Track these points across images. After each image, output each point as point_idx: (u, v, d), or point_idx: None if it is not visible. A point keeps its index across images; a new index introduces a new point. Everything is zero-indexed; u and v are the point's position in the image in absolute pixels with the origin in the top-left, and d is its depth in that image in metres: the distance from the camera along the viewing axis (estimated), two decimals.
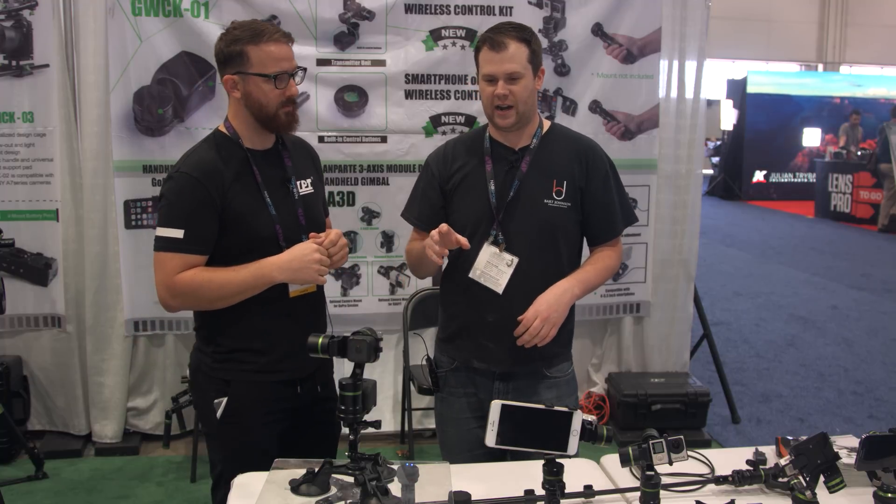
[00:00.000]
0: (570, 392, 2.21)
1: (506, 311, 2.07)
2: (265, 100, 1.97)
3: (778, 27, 17.06)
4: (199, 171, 1.96)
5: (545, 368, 2.16)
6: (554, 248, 2.10)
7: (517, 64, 2.00)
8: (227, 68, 2.01)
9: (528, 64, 2.03)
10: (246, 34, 1.99)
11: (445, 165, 2.18)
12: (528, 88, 2.03)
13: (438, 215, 2.16)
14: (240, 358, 2.04)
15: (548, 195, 2.09)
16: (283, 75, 1.97)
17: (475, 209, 2.10)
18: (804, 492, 1.55)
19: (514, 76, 2.01)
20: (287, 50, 2.00)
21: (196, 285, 1.96)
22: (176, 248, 1.95)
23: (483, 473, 1.84)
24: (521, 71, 2.01)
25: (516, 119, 2.05)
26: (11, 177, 3.56)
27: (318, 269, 1.95)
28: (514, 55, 2.00)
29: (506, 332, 2.06)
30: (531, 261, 2.07)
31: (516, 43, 2.01)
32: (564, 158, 2.12)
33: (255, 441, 2.04)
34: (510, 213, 2.09)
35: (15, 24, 3.47)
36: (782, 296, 7.22)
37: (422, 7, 3.68)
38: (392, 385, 3.90)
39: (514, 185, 2.08)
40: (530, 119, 2.11)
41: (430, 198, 2.20)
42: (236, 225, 1.97)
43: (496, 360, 2.12)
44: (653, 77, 3.94)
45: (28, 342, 3.71)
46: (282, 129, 2.04)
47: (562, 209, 2.09)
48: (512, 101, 2.02)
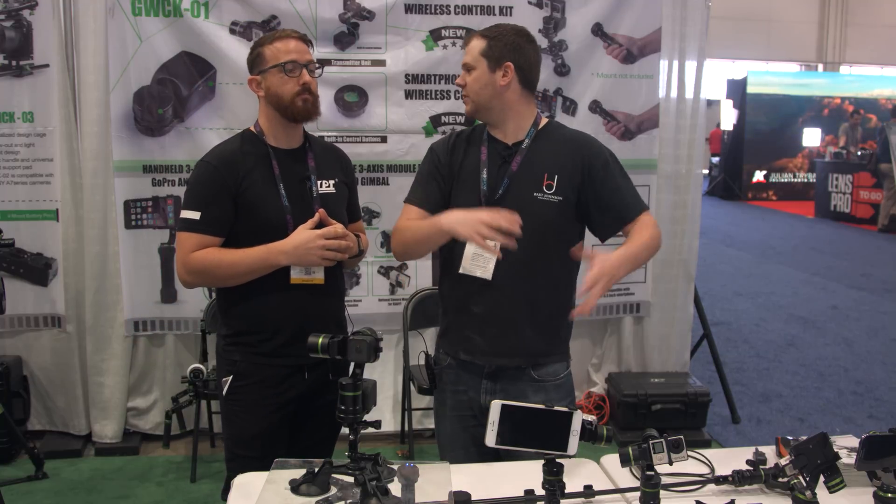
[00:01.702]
0: (561, 397, 2.14)
1: (491, 303, 2.08)
2: (281, 90, 2.12)
3: (778, 27, 17.07)
4: (217, 159, 2.15)
5: (532, 370, 2.12)
6: (542, 242, 2.08)
7: (469, 57, 2.10)
8: (251, 72, 2.19)
9: (481, 57, 2.07)
10: (265, 39, 2.18)
11: (448, 154, 2.20)
12: (478, 80, 2.08)
13: (444, 199, 2.17)
14: (245, 341, 2.17)
15: (538, 188, 2.08)
16: (293, 64, 2.11)
17: (470, 201, 2.10)
18: (804, 492, 1.55)
19: (466, 67, 2.11)
20: (299, 45, 2.15)
21: (208, 263, 2.10)
22: (193, 229, 2.10)
23: (483, 473, 1.84)
24: (472, 63, 2.09)
25: (472, 108, 2.13)
26: (11, 177, 3.56)
27: (322, 253, 2.08)
28: (470, 49, 2.10)
29: (489, 324, 2.08)
30: (517, 255, 2.02)
31: (478, 38, 2.10)
32: (558, 153, 2.12)
33: (257, 420, 2.16)
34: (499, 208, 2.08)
35: (15, 24, 3.47)
36: (782, 296, 7.22)
37: (422, 7, 3.68)
38: (392, 385, 3.90)
39: (503, 183, 2.09)
40: (490, 111, 2.11)
41: (436, 180, 2.20)
42: (248, 212, 2.11)
43: (480, 353, 2.11)
44: (653, 77, 3.94)
45: (28, 342, 3.71)
46: (300, 117, 2.16)
47: (552, 202, 2.07)
48: (467, 90, 2.11)
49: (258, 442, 2.14)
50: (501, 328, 2.09)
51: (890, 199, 11.08)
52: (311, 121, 2.20)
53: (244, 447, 2.17)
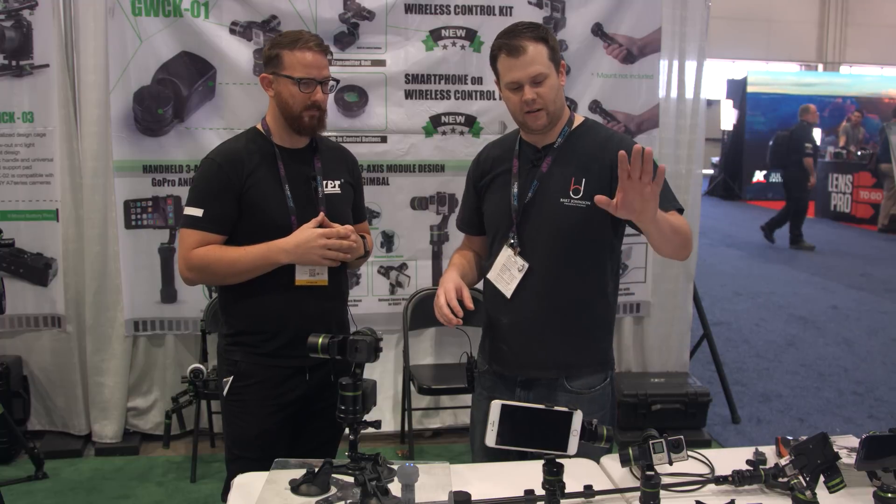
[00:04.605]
0: (594, 410, 1.99)
1: (517, 315, 2.05)
2: (291, 101, 2.12)
3: (778, 27, 17.05)
4: (222, 157, 2.15)
5: (566, 380, 2.06)
6: (568, 253, 2.02)
7: (539, 65, 1.93)
8: (265, 68, 2.17)
9: (550, 62, 1.96)
10: (285, 40, 2.14)
11: (479, 166, 2.18)
12: (554, 87, 1.97)
13: (477, 215, 2.18)
14: (246, 341, 2.18)
15: (564, 194, 2.00)
16: (309, 81, 2.10)
17: (499, 210, 2.08)
18: (804, 492, 1.55)
19: (538, 79, 1.94)
20: (319, 59, 2.13)
21: (209, 260, 2.11)
22: (195, 226, 2.12)
23: (483, 473, 1.84)
24: (545, 71, 1.94)
25: (548, 120, 1.99)
26: (11, 177, 3.56)
27: (323, 252, 2.08)
28: (534, 57, 1.93)
29: (516, 334, 2.06)
30: (544, 265, 2.01)
31: (534, 43, 1.93)
32: (588, 155, 2.02)
33: (257, 421, 2.16)
34: (527, 215, 2.04)
35: (15, 24, 3.47)
36: (782, 296, 7.22)
37: (422, 7, 3.68)
38: (392, 385, 3.90)
39: (533, 186, 2.03)
40: (560, 116, 2.04)
41: (468, 201, 2.21)
42: (252, 211, 2.12)
43: (509, 364, 2.09)
44: (653, 77, 3.94)
45: (28, 342, 3.71)
46: (305, 131, 2.16)
47: (578, 209, 1.98)
48: (541, 103, 1.95)
49: (259, 442, 2.14)
50: (528, 339, 2.06)
51: (890, 199, 11.08)
52: (315, 135, 2.21)
53: (245, 448, 2.17)
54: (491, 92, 3.77)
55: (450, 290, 1.96)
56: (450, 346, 3.91)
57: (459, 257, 2.22)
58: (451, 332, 3.88)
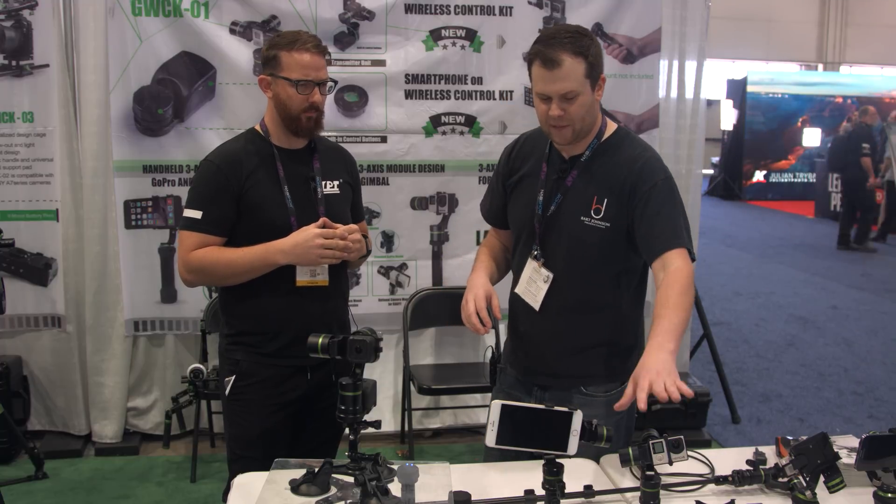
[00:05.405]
0: (612, 412, 1.84)
1: (534, 327, 2.05)
2: (289, 102, 2.11)
3: (778, 27, 17.04)
4: (220, 159, 2.15)
5: (582, 385, 2.04)
6: (588, 270, 1.99)
7: (572, 82, 1.83)
8: (263, 69, 2.17)
9: (586, 79, 1.84)
10: (283, 41, 2.13)
11: (510, 162, 2.13)
12: (584, 105, 1.87)
13: (503, 212, 2.15)
14: (247, 341, 2.19)
15: (586, 213, 1.94)
16: (306, 83, 2.09)
17: (524, 216, 2.06)
18: (804, 492, 1.55)
19: (568, 96, 1.84)
20: (317, 61, 2.12)
21: (208, 262, 2.11)
22: (194, 228, 2.12)
23: (483, 473, 1.84)
24: (577, 89, 1.83)
25: (573, 136, 1.92)
26: (11, 177, 3.56)
27: (320, 252, 2.08)
28: (568, 73, 1.82)
29: (533, 346, 2.06)
30: (566, 278, 1.98)
31: (571, 58, 1.81)
32: (613, 173, 1.94)
33: (259, 421, 2.16)
34: (550, 227, 2.01)
35: (15, 24, 3.47)
36: (782, 296, 7.22)
37: (422, 7, 3.68)
38: (392, 385, 3.90)
39: (556, 199, 1.99)
40: (588, 131, 1.96)
41: (496, 195, 2.18)
42: (251, 212, 2.12)
43: (525, 371, 2.10)
44: (653, 77, 3.94)
45: (28, 342, 3.70)
46: (302, 132, 2.15)
47: (598, 229, 1.93)
48: (567, 120, 1.87)
49: (261, 442, 2.14)
50: (543, 352, 2.06)
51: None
52: (312, 137, 2.21)
53: (247, 447, 2.17)
54: (491, 92, 3.77)
55: (480, 298, 1.95)
56: (450, 346, 3.91)
57: (486, 254, 2.18)
58: (452, 332, 3.89)
